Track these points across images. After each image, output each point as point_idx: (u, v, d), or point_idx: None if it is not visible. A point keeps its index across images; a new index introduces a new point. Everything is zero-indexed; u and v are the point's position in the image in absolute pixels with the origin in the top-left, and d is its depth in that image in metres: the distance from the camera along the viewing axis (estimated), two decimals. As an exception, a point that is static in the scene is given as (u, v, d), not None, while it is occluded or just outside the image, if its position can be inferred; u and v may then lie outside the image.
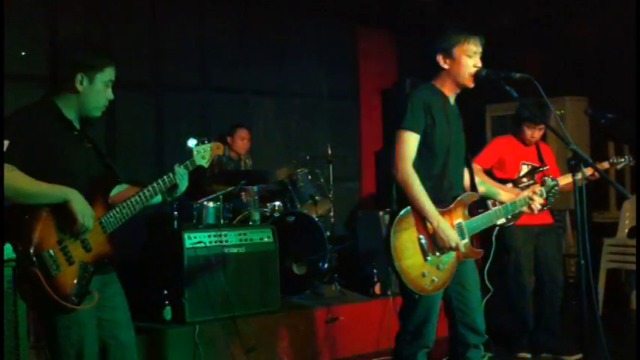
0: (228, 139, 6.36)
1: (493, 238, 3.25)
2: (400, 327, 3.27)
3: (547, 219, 4.99)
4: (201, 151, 3.08)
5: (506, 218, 3.63)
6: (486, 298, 3.27)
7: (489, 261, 3.18)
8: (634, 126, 5.88)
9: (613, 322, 5.62)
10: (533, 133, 4.89)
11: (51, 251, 2.61)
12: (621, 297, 6.39)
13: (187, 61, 6.67)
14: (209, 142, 3.12)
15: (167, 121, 6.47)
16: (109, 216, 2.81)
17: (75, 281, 2.65)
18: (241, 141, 6.40)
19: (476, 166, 4.73)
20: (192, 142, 3.08)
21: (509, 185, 4.76)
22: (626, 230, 6.31)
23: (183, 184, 3.00)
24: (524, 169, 4.91)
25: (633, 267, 6.06)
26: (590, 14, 6.93)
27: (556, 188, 3.67)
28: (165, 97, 6.53)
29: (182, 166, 3.01)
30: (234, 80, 6.88)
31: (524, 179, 4.82)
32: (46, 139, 2.72)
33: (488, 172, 4.90)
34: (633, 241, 6.12)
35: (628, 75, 6.12)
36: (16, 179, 2.57)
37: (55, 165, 2.71)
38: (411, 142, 3.08)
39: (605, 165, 4.74)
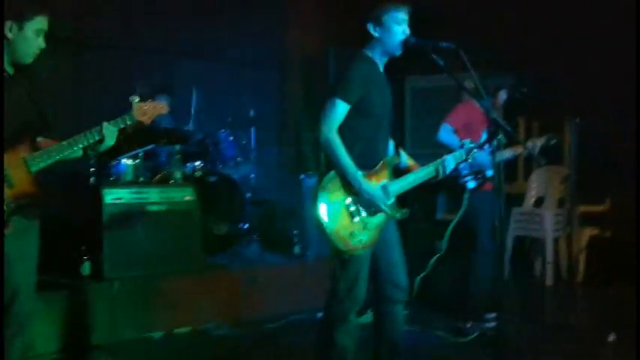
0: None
1: (465, 200, 3.36)
2: (331, 286, 3.31)
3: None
4: (142, 108, 3.04)
5: (476, 183, 3.72)
6: (435, 257, 3.40)
7: (454, 222, 3.31)
8: (544, 102, 6.15)
9: (519, 285, 6.09)
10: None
11: None
12: (525, 263, 6.75)
13: (110, 18, 6.46)
14: (152, 100, 3.10)
15: (87, 79, 6.26)
16: (34, 155, 2.85)
17: None
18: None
19: (447, 127, 4.79)
20: (134, 98, 3.05)
21: None
22: (532, 200, 6.65)
23: (109, 141, 2.96)
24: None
25: (537, 234, 6.43)
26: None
27: (474, 151, 3.75)
28: (86, 53, 6.32)
29: (111, 123, 2.96)
30: (159, 40, 6.74)
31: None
32: None
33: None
34: (539, 210, 6.48)
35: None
36: None
37: None
38: (340, 110, 3.16)
39: (542, 141, 4.78)
